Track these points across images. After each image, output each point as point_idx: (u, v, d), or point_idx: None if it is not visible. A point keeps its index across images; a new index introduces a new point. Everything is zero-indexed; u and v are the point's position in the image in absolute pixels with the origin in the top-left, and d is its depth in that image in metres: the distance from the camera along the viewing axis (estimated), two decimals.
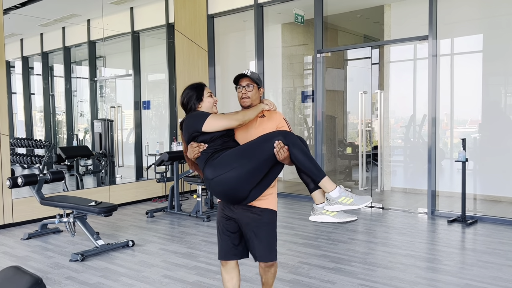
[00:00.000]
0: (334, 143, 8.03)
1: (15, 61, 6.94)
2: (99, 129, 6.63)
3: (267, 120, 2.35)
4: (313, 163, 2.16)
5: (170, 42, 6.94)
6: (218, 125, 2.19)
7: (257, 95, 2.37)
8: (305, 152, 2.14)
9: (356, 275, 3.36)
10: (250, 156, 2.13)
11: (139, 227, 4.99)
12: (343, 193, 2.15)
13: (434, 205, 5.37)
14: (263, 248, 2.29)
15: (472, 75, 5.76)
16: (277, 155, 2.10)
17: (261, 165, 2.14)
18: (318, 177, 2.16)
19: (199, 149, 2.21)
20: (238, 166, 2.11)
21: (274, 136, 2.14)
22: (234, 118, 2.22)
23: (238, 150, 2.18)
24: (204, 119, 2.20)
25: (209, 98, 2.32)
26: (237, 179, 2.12)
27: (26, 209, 5.13)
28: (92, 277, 3.42)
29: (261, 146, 2.14)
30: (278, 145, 2.10)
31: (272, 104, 2.40)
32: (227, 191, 2.17)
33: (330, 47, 7.21)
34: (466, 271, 3.43)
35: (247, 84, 2.34)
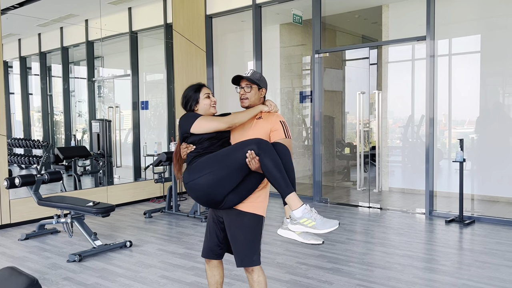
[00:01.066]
0: (332, 144, 8.04)
1: (13, 61, 6.93)
2: (97, 129, 6.63)
3: (263, 122, 2.31)
4: (282, 176, 2.06)
5: (168, 42, 6.94)
6: (206, 127, 2.19)
7: (257, 96, 2.35)
8: (276, 164, 2.06)
9: (353, 275, 3.36)
10: (222, 163, 2.11)
11: (137, 228, 4.99)
12: (306, 214, 2.05)
13: (431, 205, 5.38)
14: (241, 251, 2.25)
15: (470, 75, 5.78)
16: (249, 165, 2.07)
17: (232, 173, 2.10)
18: (284, 192, 2.07)
19: (187, 150, 2.24)
20: (209, 172, 2.10)
21: (248, 144, 2.09)
22: (224, 120, 2.21)
23: (213, 156, 2.15)
24: (193, 120, 2.21)
25: (206, 100, 2.31)
26: (207, 185, 2.11)
27: (23, 209, 5.12)
28: (89, 278, 3.41)
29: (233, 154, 2.11)
30: (250, 155, 2.06)
31: (273, 106, 2.36)
32: (200, 196, 2.18)
33: (328, 48, 7.22)
34: (464, 271, 3.43)
35: (246, 85, 2.33)
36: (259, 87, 2.36)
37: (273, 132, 2.28)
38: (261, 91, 2.37)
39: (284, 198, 2.08)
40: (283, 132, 2.28)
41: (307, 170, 8.04)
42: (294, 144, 8.22)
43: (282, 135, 2.27)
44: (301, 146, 8.34)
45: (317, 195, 6.33)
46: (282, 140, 2.25)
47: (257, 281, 2.27)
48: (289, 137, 2.30)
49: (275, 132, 2.28)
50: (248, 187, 2.18)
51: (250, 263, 2.25)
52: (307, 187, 7.27)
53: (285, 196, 2.07)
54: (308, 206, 2.08)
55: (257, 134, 2.24)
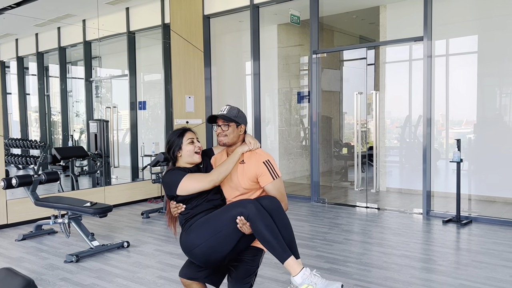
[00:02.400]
0: (330, 144, 8.05)
1: (10, 61, 6.91)
2: (95, 129, 6.62)
3: (247, 167, 2.24)
4: (277, 241, 2.00)
5: (166, 42, 6.93)
6: (191, 188, 2.17)
7: (235, 133, 2.27)
8: (269, 228, 2.00)
9: (351, 275, 3.36)
10: (214, 232, 2.08)
11: (135, 228, 4.98)
12: (306, 279, 2.00)
13: (429, 205, 5.39)
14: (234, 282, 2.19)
15: (467, 76, 5.79)
16: (242, 230, 2.04)
17: (226, 239, 2.08)
18: (281, 258, 2.02)
19: (177, 210, 2.23)
20: (206, 241, 2.09)
21: (236, 208, 2.05)
22: (207, 180, 2.17)
23: (206, 222, 2.12)
24: (178, 182, 2.18)
25: (189, 146, 2.27)
26: (204, 255, 2.12)
27: (20, 210, 5.10)
28: (86, 278, 3.41)
29: (223, 221, 2.07)
30: (240, 221, 2.02)
31: (252, 143, 2.27)
32: (202, 263, 2.19)
33: (326, 48, 7.23)
34: (461, 271, 3.44)
35: (223, 123, 2.26)
36: (237, 124, 2.28)
37: (260, 178, 2.22)
38: (239, 128, 2.29)
39: (282, 263, 2.03)
40: (270, 175, 2.21)
41: (305, 170, 8.04)
42: (291, 145, 8.23)
43: (270, 179, 2.21)
44: (299, 146, 8.35)
45: (315, 195, 6.34)
46: (271, 184, 2.21)
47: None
48: (278, 177, 2.24)
49: (262, 177, 2.22)
50: (246, 244, 2.17)
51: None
52: (304, 187, 7.27)
53: (282, 262, 2.03)
54: (308, 270, 2.04)
55: (247, 180, 2.22)
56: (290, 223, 2.13)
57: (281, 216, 2.08)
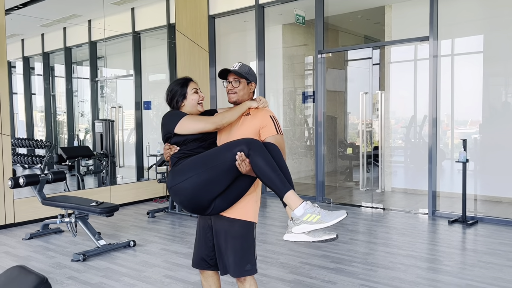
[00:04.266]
0: (334, 144, 8.04)
1: (16, 61, 6.96)
2: (100, 129, 6.64)
3: (251, 119, 2.15)
4: (277, 175, 1.90)
5: (171, 42, 6.95)
6: (192, 128, 2.05)
7: (245, 91, 2.19)
8: (269, 163, 1.90)
9: (357, 275, 3.36)
10: (209, 165, 1.96)
11: (140, 227, 5.00)
12: (308, 209, 1.86)
13: (434, 205, 5.38)
14: (233, 261, 2.09)
15: (472, 75, 5.77)
16: (239, 168, 1.92)
17: (220, 176, 1.95)
18: (281, 192, 1.90)
19: (170, 152, 2.10)
20: (194, 175, 1.95)
21: (237, 145, 1.94)
22: (210, 121, 2.06)
23: (198, 157, 2.01)
24: (178, 120, 2.07)
25: (194, 95, 2.17)
26: (192, 189, 1.96)
27: (27, 209, 5.14)
28: (94, 277, 3.43)
29: (221, 156, 1.95)
30: (239, 157, 1.90)
31: (262, 101, 2.19)
32: (184, 201, 2.02)
33: (331, 48, 7.23)
34: (467, 271, 3.44)
35: (234, 79, 2.17)
36: (248, 81, 2.19)
37: (263, 129, 2.11)
38: (250, 85, 2.21)
39: (282, 198, 1.91)
40: (274, 128, 2.11)
41: (310, 170, 8.04)
42: (296, 145, 8.23)
43: (273, 131, 2.11)
44: (304, 146, 8.35)
45: (320, 195, 6.34)
46: (273, 136, 2.10)
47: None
48: (281, 133, 2.14)
49: (265, 128, 2.11)
50: (237, 192, 2.03)
51: (242, 273, 2.09)
52: (309, 187, 7.27)
53: (282, 196, 1.90)
54: (310, 202, 1.91)
55: (245, 133, 2.09)
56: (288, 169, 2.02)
57: (281, 160, 1.98)
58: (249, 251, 2.11)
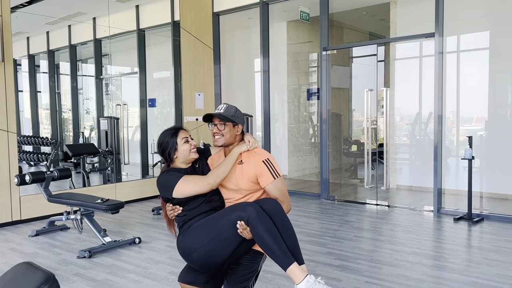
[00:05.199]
0: (339, 141, 8.03)
1: (22, 59, 6.99)
2: (105, 126, 6.67)
3: (246, 167, 2.15)
4: (279, 246, 1.92)
5: (176, 40, 6.96)
6: (187, 192, 2.09)
7: (232, 133, 2.17)
8: (271, 233, 1.91)
9: (362, 272, 3.36)
10: (213, 236, 2.00)
11: (146, 224, 5.02)
12: (310, 287, 1.89)
13: (440, 203, 5.36)
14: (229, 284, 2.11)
15: (478, 72, 5.74)
16: (242, 235, 1.97)
17: (225, 244, 2.00)
18: (284, 265, 1.92)
19: (174, 213, 2.15)
20: (204, 245, 2.01)
21: (236, 212, 1.97)
22: (204, 183, 2.08)
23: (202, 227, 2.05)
24: (173, 185, 2.10)
25: (185, 145, 2.19)
26: (205, 258, 2.04)
27: (33, 206, 5.17)
28: (99, 274, 3.45)
29: (223, 225, 2.00)
30: (240, 226, 1.95)
31: (251, 142, 2.18)
32: (200, 268, 2.12)
33: (335, 45, 7.20)
34: (473, 269, 3.42)
35: (219, 122, 2.16)
36: (234, 123, 2.18)
37: (260, 178, 2.13)
38: (236, 127, 2.19)
39: (284, 270, 1.94)
40: (270, 174, 2.12)
41: (314, 168, 8.03)
42: (300, 142, 8.22)
43: (270, 178, 2.12)
44: (308, 143, 8.34)
45: (325, 193, 6.34)
46: (272, 184, 2.12)
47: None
48: (278, 176, 2.14)
49: (262, 177, 2.12)
50: (246, 248, 2.08)
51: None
52: (314, 184, 7.27)
53: (285, 269, 1.93)
54: (313, 277, 1.93)
55: (247, 181, 2.13)
56: (292, 227, 2.06)
57: (283, 220, 2.00)
58: (249, 276, 2.11)
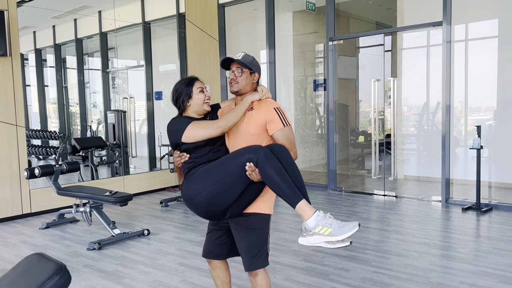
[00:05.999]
0: (346, 132, 8.00)
1: (29, 53, 7.02)
2: (113, 120, 6.70)
3: (256, 113, 2.13)
4: (287, 185, 1.91)
5: (181, 32, 6.94)
6: (198, 135, 2.06)
7: (248, 81, 2.16)
8: (279, 172, 1.90)
9: (370, 262, 3.37)
10: (219, 178, 1.98)
11: (154, 216, 5.06)
12: (320, 221, 1.86)
13: (448, 193, 5.34)
14: (246, 254, 2.11)
15: (487, 61, 5.66)
16: (251, 177, 1.94)
17: (232, 187, 1.98)
18: (293, 202, 1.91)
19: (181, 160, 2.11)
20: (207, 189, 1.99)
21: (245, 155, 1.94)
22: (215, 126, 2.06)
23: (209, 170, 2.03)
24: (183, 129, 2.08)
25: (199, 94, 2.17)
26: (207, 204, 2.02)
27: (43, 199, 5.23)
28: (109, 265, 3.49)
29: (231, 167, 1.97)
30: (249, 168, 1.92)
31: (264, 92, 2.17)
32: (202, 213, 2.09)
33: (342, 35, 7.14)
34: (481, 258, 3.41)
35: (237, 68, 2.15)
36: (251, 71, 2.17)
37: (270, 124, 2.10)
38: (253, 76, 2.18)
39: (293, 207, 1.93)
40: (280, 121, 2.09)
41: (321, 159, 8.02)
42: (307, 134, 8.20)
43: (280, 125, 2.09)
44: (315, 135, 8.32)
45: (332, 184, 6.33)
46: (281, 131, 2.08)
47: (260, 285, 2.13)
48: (288, 124, 2.11)
49: (271, 123, 2.09)
50: (251, 196, 2.05)
51: (255, 266, 2.11)
52: (321, 176, 7.26)
53: (294, 206, 1.92)
54: (322, 212, 1.92)
55: (253, 127, 2.10)
56: (298, 170, 2.03)
57: (290, 162, 1.98)
58: (262, 243, 2.12)
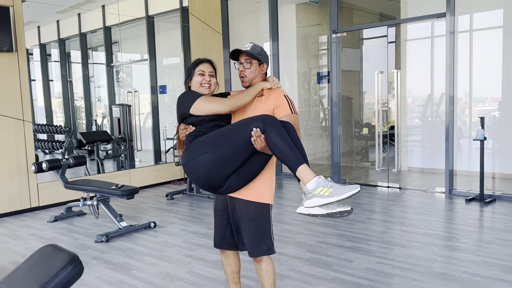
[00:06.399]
0: (350, 124, 8.01)
1: (33, 48, 7.07)
2: (118, 114, 6.75)
3: (265, 99, 2.15)
4: (291, 149, 1.89)
5: (185, 26, 6.96)
6: (207, 109, 2.06)
7: (257, 72, 2.18)
8: (284, 138, 1.90)
9: (373, 253, 3.41)
10: (224, 141, 1.96)
11: (160, 209, 5.12)
12: (321, 183, 1.84)
13: (451, 184, 5.36)
14: (249, 242, 2.15)
15: (492, 51, 5.65)
16: (255, 144, 1.91)
17: (235, 152, 1.96)
18: (295, 165, 1.89)
19: (186, 132, 2.11)
20: (209, 151, 1.96)
21: (253, 121, 1.93)
22: (225, 103, 2.07)
23: (213, 134, 2.02)
24: (193, 101, 2.08)
25: (198, 77, 2.17)
26: (207, 166, 1.97)
27: (51, 193, 5.31)
28: (117, 257, 3.56)
29: (237, 132, 1.96)
30: (255, 133, 1.89)
31: (275, 82, 2.19)
32: (199, 178, 2.06)
33: (345, 27, 7.13)
34: (484, 248, 3.45)
35: (246, 60, 2.16)
36: (259, 62, 2.18)
37: (278, 109, 2.11)
38: (261, 66, 2.19)
39: (295, 172, 1.90)
40: (289, 108, 2.11)
41: (325, 151, 8.04)
42: (311, 126, 8.22)
43: (288, 111, 2.11)
44: (319, 127, 8.34)
45: (336, 176, 6.36)
46: (288, 116, 2.09)
47: (265, 270, 2.17)
48: (295, 113, 2.14)
49: (279, 108, 2.11)
50: (252, 169, 2.04)
51: (258, 253, 2.14)
52: (325, 168, 7.29)
53: (295, 169, 1.89)
54: (323, 177, 1.89)
55: (260, 111, 2.09)
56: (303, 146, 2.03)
57: (295, 136, 1.99)
58: (264, 232, 2.14)
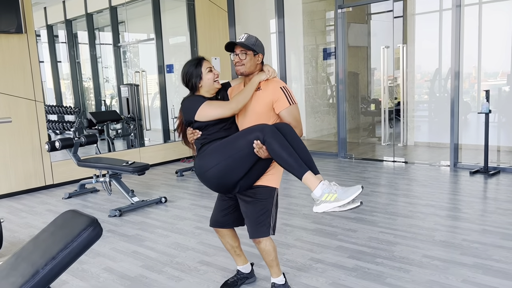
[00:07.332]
0: (357, 100, 8.02)
1: (40, 30, 7.13)
2: (126, 94, 6.84)
3: (263, 93, 2.24)
4: (293, 158, 2.03)
5: (190, 4, 6.95)
6: (210, 115, 2.18)
7: (252, 62, 2.25)
8: (285, 147, 2.03)
9: (376, 223, 3.52)
10: (229, 154, 2.11)
11: (170, 185, 5.27)
12: (325, 189, 1.99)
13: (456, 157, 5.41)
14: (250, 224, 2.26)
15: (502, 24, 5.58)
16: (258, 154, 2.07)
17: (241, 163, 2.11)
18: (299, 174, 2.03)
19: (194, 136, 2.25)
20: (217, 165, 2.13)
21: (252, 133, 2.07)
22: (227, 107, 2.18)
23: (219, 147, 2.16)
24: (196, 108, 2.19)
25: (209, 74, 2.27)
26: (218, 178, 2.16)
27: (64, 170, 5.47)
28: (130, 230, 3.71)
29: (240, 144, 2.10)
30: (256, 145, 2.04)
31: (271, 71, 2.28)
32: (213, 186, 2.24)
33: (351, 2, 7.06)
34: (485, 218, 3.54)
35: (241, 51, 2.23)
36: (254, 52, 2.25)
37: (276, 103, 2.21)
38: (257, 56, 2.27)
39: (300, 180, 2.05)
40: (286, 100, 2.20)
41: (332, 128, 8.10)
42: (318, 103, 8.25)
43: (286, 104, 2.20)
44: (326, 104, 8.36)
45: (342, 151, 6.44)
46: (287, 109, 2.19)
47: (264, 250, 2.28)
48: (294, 103, 2.23)
49: (278, 102, 2.20)
50: (259, 171, 2.19)
51: (256, 235, 2.25)
52: (331, 144, 7.37)
53: (300, 178, 2.03)
54: (327, 181, 2.03)
55: (261, 106, 2.22)
56: (305, 145, 2.16)
57: (295, 139, 2.11)
58: (265, 214, 2.24)
